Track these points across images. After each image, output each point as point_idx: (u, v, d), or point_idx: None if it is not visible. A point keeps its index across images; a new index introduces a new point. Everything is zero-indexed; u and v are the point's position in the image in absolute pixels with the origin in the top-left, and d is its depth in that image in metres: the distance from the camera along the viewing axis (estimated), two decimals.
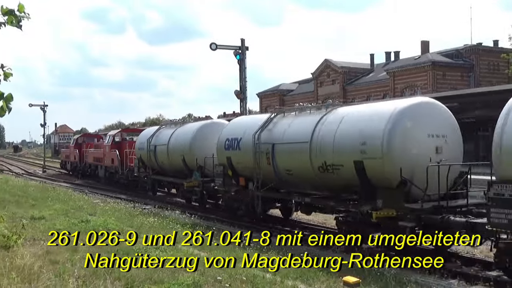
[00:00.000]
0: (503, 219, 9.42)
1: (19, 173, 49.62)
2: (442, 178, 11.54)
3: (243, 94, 28.93)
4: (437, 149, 12.28)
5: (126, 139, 34.98)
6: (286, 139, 15.56)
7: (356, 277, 8.94)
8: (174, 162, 23.75)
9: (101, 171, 37.33)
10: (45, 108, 61.89)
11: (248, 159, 17.06)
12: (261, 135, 16.58)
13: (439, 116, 12.73)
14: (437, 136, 12.40)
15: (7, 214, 14.09)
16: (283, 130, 15.98)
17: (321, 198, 15.16)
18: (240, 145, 17.80)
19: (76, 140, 47.10)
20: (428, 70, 66.13)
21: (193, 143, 21.98)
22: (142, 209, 20.06)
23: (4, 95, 4.65)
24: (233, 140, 18.23)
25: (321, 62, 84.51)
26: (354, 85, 79.13)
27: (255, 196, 17.24)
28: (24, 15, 4.58)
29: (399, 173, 11.66)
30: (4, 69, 4.75)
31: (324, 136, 13.96)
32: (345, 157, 13.10)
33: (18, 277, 7.72)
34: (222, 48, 28.57)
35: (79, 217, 15.63)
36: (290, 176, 15.59)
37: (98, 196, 26.89)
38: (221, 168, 18.91)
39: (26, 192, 24.42)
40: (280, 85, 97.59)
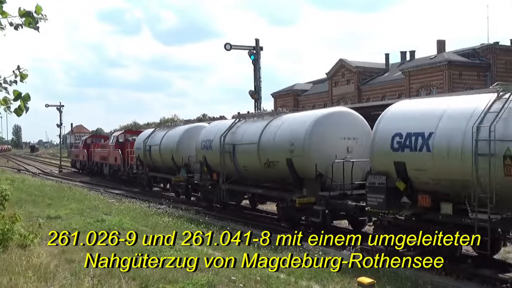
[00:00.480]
0: (374, 202, 12.53)
1: (36, 173, 50.10)
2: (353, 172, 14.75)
3: (258, 94, 28.95)
4: (348, 149, 15.39)
5: (129, 139, 37.22)
6: (244, 140, 18.70)
7: (371, 278, 8.90)
8: (165, 160, 27.18)
9: (106, 169, 40.38)
10: (61, 108, 62.46)
11: (217, 157, 20.12)
12: (226, 137, 19.69)
13: (351, 122, 15.76)
14: (348, 139, 15.48)
15: (24, 213, 14.24)
16: (242, 132, 19.21)
17: (270, 189, 18.21)
18: (212, 145, 20.82)
19: (85, 140, 49.94)
20: (444, 69, 65.51)
21: (180, 143, 25.50)
22: (157, 209, 20.17)
23: (21, 95, 4.70)
24: (207, 141, 21.39)
25: (335, 62, 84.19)
26: (369, 85, 78.69)
27: (222, 189, 20.24)
28: (41, 16, 4.62)
29: (315, 168, 14.96)
30: (20, 71, 4.80)
31: (268, 138, 17.29)
32: (280, 155, 16.38)
33: (34, 276, 7.81)
34: (237, 48, 28.61)
35: (95, 216, 15.75)
36: (246, 171, 18.88)
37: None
38: (199, 165, 22.10)
39: (42, 192, 24.66)
40: (295, 85, 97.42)
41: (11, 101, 4.74)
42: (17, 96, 4.70)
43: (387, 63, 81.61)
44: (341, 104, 71.49)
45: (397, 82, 72.86)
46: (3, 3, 4.49)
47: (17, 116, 4.81)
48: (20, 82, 4.82)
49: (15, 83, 4.81)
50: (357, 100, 74.50)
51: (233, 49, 28.24)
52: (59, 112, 62.28)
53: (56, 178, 43.47)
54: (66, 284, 7.56)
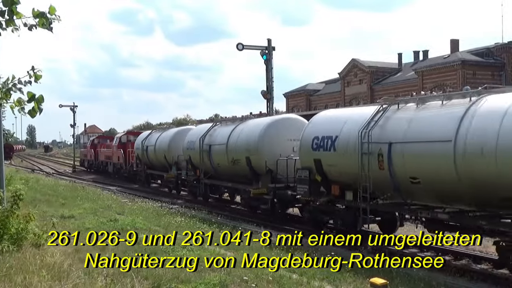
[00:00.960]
0: (301, 191, 15.77)
1: (50, 173, 50.52)
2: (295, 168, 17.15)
3: (270, 94, 28.90)
4: (293, 149, 18.13)
5: (130, 140, 40.19)
6: (217, 141, 22.24)
7: (384, 278, 8.84)
8: (160, 159, 30.66)
9: (110, 167, 43.96)
10: (75, 108, 62.89)
11: (198, 156, 23.72)
12: (204, 139, 23.23)
13: (297, 127, 18.09)
14: (294, 140, 18.06)
15: (38, 212, 14.32)
16: (216, 135, 22.85)
17: (237, 183, 21.44)
18: (194, 146, 24.24)
19: (92, 141, 54.02)
20: (457, 69, 65.05)
21: (171, 144, 28.93)
22: (169, 209, 20.24)
23: (35, 96, 4.73)
24: (191, 142, 24.86)
25: (348, 62, 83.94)
26: (381, 85, 78.35)
27: (202, 183, 24.09)
28: (55, 17, 4.64)
29: (265, 164, 18.56)
30: (34, 71, 4.83)
31: (233, 140, 20.87)
32: (242, 154, 19.96)
33: (48, 275, 7.86)
34: (249, 48, 28.59)
35: (108, 216, 15.82)
36: (219, 167, 22.50)
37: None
38: (185, 163, 25.56)
39: (56, 191, 24.83)
40: (307, 85, 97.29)
41: (25, 102, 4.77)
42: (31, 98, 4.72)
43: (400, 62, 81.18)
44: (353, 104, 71.26)
45: (410, 82, 72.45)
46: (17, 4, 4.52)
47: (31, 117, 4.83)
48: (35, 82, 4.85)
49: (30, 84, 4.84)
50: (369, 100, 74.18)
51: (246, 49, 28.24)
52: (73, 112, 62.76)
53: (69, 177, 43.80)
54: (80, 283, 7.60)
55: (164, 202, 24.10)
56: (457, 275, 10.63)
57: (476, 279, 10.50)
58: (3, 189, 13.04)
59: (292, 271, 9.46)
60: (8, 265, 8.38)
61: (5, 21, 4.58)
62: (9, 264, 8.50)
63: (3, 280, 7.56)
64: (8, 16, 4.56)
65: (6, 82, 4.84)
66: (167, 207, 21.29)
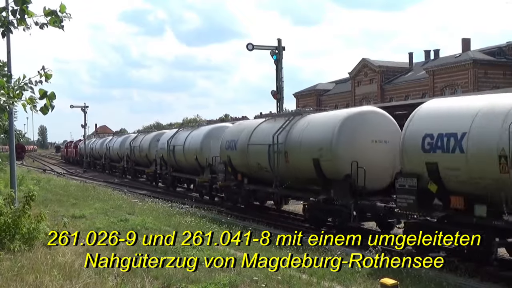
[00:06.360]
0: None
1: (61, 173, 50.82)
2: None
3: (280, 94, 28.84)
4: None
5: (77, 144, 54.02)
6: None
7: (394, 279, 8.79)
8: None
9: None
10: (86, 109, 63.30)
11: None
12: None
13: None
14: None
15: (49, 212, 14.40)
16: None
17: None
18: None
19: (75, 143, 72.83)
20: (469, 68, 64.57)
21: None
22: (179, 209, 20.26)
23: (47, 93, 4.77)
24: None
25: (358, 62, 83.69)
26: (392, 84, 78.01)
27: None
28: (66, 15, 4.68)
29: None
30: (45, 71, 4.87)
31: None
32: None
33: (59, 274, 7.91)
34: (259, 48, 28.56)
35: (118, 216, 15.89)
36: None
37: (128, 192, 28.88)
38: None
39: (67, 191, 24.98)
40: (317, 85, 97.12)
41: (37, 100, 4.82)
42: (43, 95, 4.77)
43: (410, 62, 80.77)
44: (363, 103, 70.93)
45: (421, 81, 72.09)
46: (28, 3, 4.56)
47: (43, 114, 4.88)
48: (45, 82, 4.89)
49: (40, 83, 4.88)
50: (379, 100, 73.92)
51: (256, 49, 28.22)
52: (84, 113, 63.15)
53: (80, 178, 44.02)
54: (91, 283, 7.64)
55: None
56: (467, 275, 10.53)
57: (487, 280, 10.39)
58: (15, 189, 13.14)
59: (302, 271, 9.44)
60: (20, 265, 8.46)
61: (17, 20, 4.62)
62: (21, 263, 8.57)
63: (15, 280, 7.62)
64: (19, 15, 4.60)
65: (18, 81, 4.88)
66: (177, 207, 21.31)
